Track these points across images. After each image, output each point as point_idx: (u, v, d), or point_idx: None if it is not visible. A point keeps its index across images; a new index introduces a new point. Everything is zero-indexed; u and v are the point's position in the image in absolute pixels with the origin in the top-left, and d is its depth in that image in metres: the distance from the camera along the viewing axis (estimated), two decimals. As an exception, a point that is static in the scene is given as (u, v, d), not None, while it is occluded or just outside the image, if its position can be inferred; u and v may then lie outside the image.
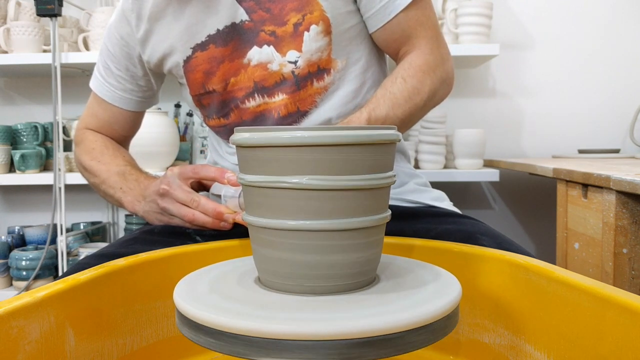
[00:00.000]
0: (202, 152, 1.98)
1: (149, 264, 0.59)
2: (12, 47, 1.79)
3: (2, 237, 1.90)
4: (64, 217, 1.76)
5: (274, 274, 0.44)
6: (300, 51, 0.82)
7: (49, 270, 1.81)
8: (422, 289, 0.43)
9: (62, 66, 1.75)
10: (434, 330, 0.39)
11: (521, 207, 2.06)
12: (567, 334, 0.46)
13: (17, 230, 1.97)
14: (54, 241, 1.81)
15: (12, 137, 1.86)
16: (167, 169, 0.78)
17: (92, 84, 0.97)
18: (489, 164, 1.86)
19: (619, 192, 1.00)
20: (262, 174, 0.42)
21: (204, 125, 0.97)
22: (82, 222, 2.04)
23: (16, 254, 1.78)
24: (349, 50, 0.85)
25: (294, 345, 0.36)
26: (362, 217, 0.42)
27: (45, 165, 1.89)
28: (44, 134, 1.87)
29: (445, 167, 1.83)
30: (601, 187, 1.05)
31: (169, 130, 1.78)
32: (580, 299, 0.45)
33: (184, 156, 1.94)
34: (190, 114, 2.01)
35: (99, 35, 1.78)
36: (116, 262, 0.57)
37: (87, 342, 0.51)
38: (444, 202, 0.91)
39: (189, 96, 0.91)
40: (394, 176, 0.45)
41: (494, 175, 1.76)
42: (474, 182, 2.05)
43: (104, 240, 2.04)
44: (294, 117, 0.85)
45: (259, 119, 0.86)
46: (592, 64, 2.00)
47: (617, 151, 1.87)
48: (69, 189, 1.81)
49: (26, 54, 1.77)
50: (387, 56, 0.93)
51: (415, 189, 0.91)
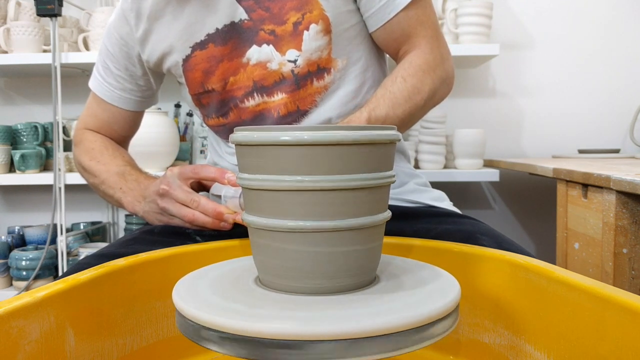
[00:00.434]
0: (202, 152, 1.98)
1: (149, 264, 0.59)
2: (12, 47, 1.79)
3: (2, 237, 1.90)
4: (64, 217, 1.76)
5: (274, 274, 0.44)
6: (299, 50, 0.82)
7: (49, 270, 1.81)
8: (421, 289, 0.43)
9: (62, 66, 1.75)
10: (434, 330, 0.39)
11: (521, 207, 2.06)
12: (567, 334, 0.46)
13: (17, 230, 1.97)
14: (54, 241, 1.81)
15: (12, 137, 1.86)
16: (167, 169, 0.78)
17: (92, 83, 0.97)
18: (489, 164, 1.86)
19: (619, 192, 1.00)
20: (262, 173, 0.42)
21: (204, 125, 0.97)
22: (82, 222, 2.04)
23: (16, 254, 1.78)
24: (349, 49, 0.85)
25: (294, 345, 0.36)
26: (362, 217, 0.42)
27: (45, 165, 1.89)
28: (44, 134, 1.87)
29: (445, 167, 1.83)
30: (601, 187, 1.05)
31: (169, 130, 1.78)
32: (580, 299, 0.45)
33: (184, 156, 1.94)
34: (190, 114, 2.01)
35: (99, 35, 1.78)
36: (116, 262, 0.57)
37: (87, 342, 0.51)
38: (444, 202, 0.91)
39: (188, 95, 0.91)
40: (394, 176, 0.45)
41: (494, 175, 1.76)
42: (474, 182, 2.05)
43: (104, 240, 2.04)
44: (293, 117, 0.85)
45: (258, 119, 0.86)
46: (592, 64, 2.00)
47: (617, 151, 1.87)
48: (69, 189, 1.81)
49: (26, 54, 1.77)
50: (387, 56, 0.93)
51: (415, 189, 0.91)
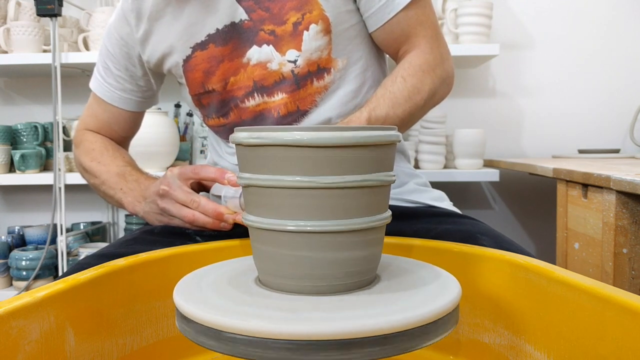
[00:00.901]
0: (202, 152, 1.98)
1: (149, 264, 0.59)
2: (12, 47, 1.79)
3: (2, 237, 1.90)
4: (64, 217, 1.76)
5: (274, 274, 0.44)
6: (299, 50, 0.82)
7: (49, 270, 1.81)
8: (422, 289, 0.43)
9: (62, 66, 1.75)
10: (434, 330, 0.39)
11: (521, 207, 2.06)
12: (567, 334, 0.46)
13: (17, 230, 1.97)
14: (54, 241, 1.81)
15: (12, 137, 1.86)
16: (167, 169, 0.78)
17: (92, 84, 0.97)
18: (489, 164, 1.86)
19: (619, 192, 1.00)
20: (262, 173, 0.42)
21: (204, 125, 0.97)
22: (82, 222, 2.04)
23: (16, 254, 1.78)
24: (349, 49, 0.85)
25: (294, 345, 0.36)
26: (362, 217, 0.42)
27: (45, 165, 1.89)
28: (44, 134, 1.87)
29: (445, 167, 1.83)
30: (601, 187, 1.05)
31: (169, 130, 1.78)
32: (580, 299, 0.45)
33: (184, 156, 1.94)
34: (190, 114, 2.01)
35: (99, 35, 1.78)
36: (116, 262, 0.57)
37: (87, 342, 0.51)
38: (444, 202, 0.91)
39: (188, 96, 0.91)
40: (394, 176, 0.45)
41: (494, 175, 1.76)
42: (474, 182, 2.05)
43: (104, 240, 2.04)
44: (293, 117, 0.85)
45: (258, 119, 0.86)
46: (592, 64, 2.00)
47: (617, 151, 1.87)
48: (69, 189, 1.81)
49: (26, 54, 1.77)
50: (387, 56, 0.93)
51: (415, 189, 0.91)
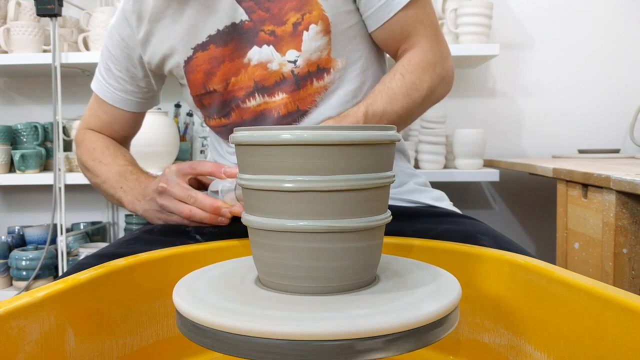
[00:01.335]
0: (202, 152, 1.98)
1: (149, 264, 0.59)
2: (12, 47, 1.79)
3: (2, 237, 1.90)
4: (64, 217, 1.76)
5: (274, 274, 0.43)
6: (299, 50, 0.82)
7: (49, 270, 1.81)
8: (421, 289, 0.43)
9: (62, 66, 1.75)
10: (434, 330, 0.39)
11: (521, 207, 2.06)
12: (567, 334, 0.46)
13: (17, 230, 1.97)
14: (54, 241, 1.81)
15: (12, 137, 1.86)
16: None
17: (93, 85, 0.98)
18: (489, 164, 1.86)
19: (619, 192, 1.00)
20: (262, 173, 0.42)
21: (204, 125, 0.97)
22: (82, 222, 2.04)
23: (16, 254, 1.78)
24: (349, 49, 0.85)
25: (294, 345, 0.36)
26: (362, 217, 0.42)
27: (45, 165, 1.89)
28: (44, 134, 1.87)
29: (445, 167, 1.83)
30: (601, 187, 1.05)
31: (169, 130, 1.78)
32: (580, 299, 0.45)
33: (184, 156, 1.94)
34: (190, 114, 2.01)
35: (99, 35, 1.78)
36: (116, 262, 0.57)
37: (87, 342, 0.51)
38: (443, 202, 0.91)
39: (189, 97, 0.91)
40: (393, 176, 0.45)
41: (494, 175, 1.75)
42: (474, 182, 2.05)
43: (104, 240, 2.04)
44: (293, 117, 0.85)
45: (259, 119, 0.86)
46: (592, 64, 2.00)
47: (617, 151, 1.87)
48: (69, 189, 1.81)
49: (26, 54, 1.77)
50: (387, 55, 0.93)
51: (415, 189, 0.91)
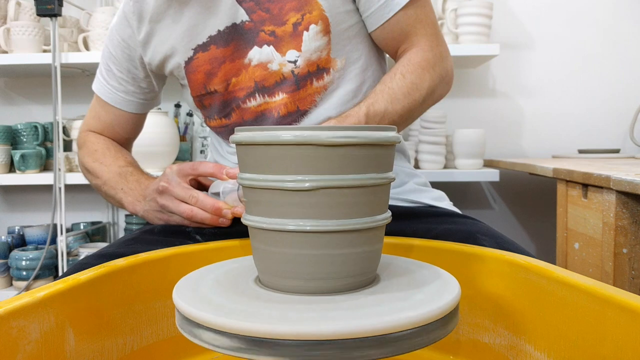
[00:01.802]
0: (202, 152, 1.98)
1: (149, 264, 0.59)
2: (12, 47, 1.79)
3: (2, 237, 1.90)
4: (64, 217, 1.76)
5: (274, 274, 0.44)
6: (299, 51, 0.82)
7: (49, 270, 1.81)
8: (421, 289, 0.43)
9: (62, 66, 1.75)
10: (434, 330, 0.39)
11: (521, 207, 2.06)
12: (567, 334, 0.46)
13: (17, 230, 1.97)
14: (54, 241, 1.81)
15: (12, 137, 1.86)
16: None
17: (95, 86, 0.98)
18: (489, 164, 1.86)
19: (619, 192, 1.00)
20: (262, 173, 0.42)
21: (204, 125, 0.97)
22: (82, 222, 2.04)
23: (16, 254, 1.78)
24: (348, 49, 0.85)
25: (294, 345, 0.36)
26: (362, 217, 0.42)
27: (45, 165, 1.89)
28: (44, 134, 1.87)
29: (445, 167, 1.83)
30: (601, 187, 1.05)
31: (169, 130, 1.78)
32: (580, 299, 0.45)
33: (184, 156, 1.94)
34: (190, 114, 2.01)
35: (99, 35, 1.78)
36: (116, 262, 0.57)
37: (87, 342, 0.51)
38: (443, 202, 0.91)
39: (190, 97, 0.91)
40: (394, 176, 0.45)
41: (494, 175, 1.75)
42: (474, 182, 2.05)
43: (104, 240, 2.04)
44: (293, 117, 0.85)
45: (259, 119, 0.86)
46: (592, 64, 2.00)
47: (617, 151, 1.87)
48: (69, 189, 1.81)
49: (26, 54, 1.77)
50: (387, 55, 0.93)
51: (415, 189, 0.91)
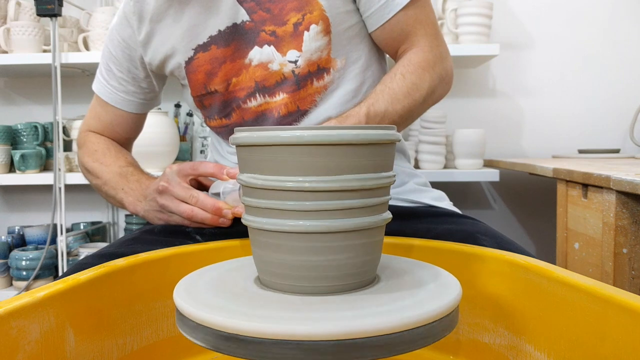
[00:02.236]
0: (202, 152, 1.98)
1: (149, 264, 0.59)
2: (12, 47, 1.79)
3: (2, 237, 1.90)
4: (64, 217, 1.76)
5: (274, 274, 0.44)
6: (300, 51, 0.82)
7: (49, 270, 1.81)
8: (422, 289, 0.43)
9: (62, 66, 1.75)
10: (434, 330, 0.39)
11: (521, 207, 2.06)
12: (567, 334, 0.46)
13: (17, 230, 1.97)
14: (54, 241, 1.81)
15: (12, 137, 1.86)
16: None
17: (95, 86, 0.97)
18: (489, 164, 1.86)
19: (619, 192, 1.00)
20: (262, 173, 0.42)
21: (204, 125, 0.97)
22: (82, 222, 2.04)
23: (16, 254, 1.78)
24: (348, 49, 0.85)
25: (294, 345, 0.36)
26: (362, 217, 0.42)
27: (45, 165, 1.89)
28: (44, 134, 1.87)
29: (445, 167, 1.83)
30: (601, 187, 1.05)
31: (169, 130, 1.78)
32: (580, 299, 0.45)
33: (184, 156, 1.94)
34: (190, 114, 2.01)
35: (99, 35, 1.78)
36: (116, 262, 0.57)
37: (87, 342, 0.51)
38: (443, 202, 0.91)
39: (190, 97, 0.91)
40: (394, 176, 0.45)
41: (494, 175, 1.75)
42: (474, 182, 2.05)
43: (104, 240, 2.04)
44: (293, 117, 0.85)
45: (260, 119, 0.86)
46: (592, 64, 2.00)
47: (617, 151, 1.87)
48: (69, 189, 1.81)
49: (26, 54, 1.77)
50: (387, 55, 0.93)
51: (415, 189, 0.91)
